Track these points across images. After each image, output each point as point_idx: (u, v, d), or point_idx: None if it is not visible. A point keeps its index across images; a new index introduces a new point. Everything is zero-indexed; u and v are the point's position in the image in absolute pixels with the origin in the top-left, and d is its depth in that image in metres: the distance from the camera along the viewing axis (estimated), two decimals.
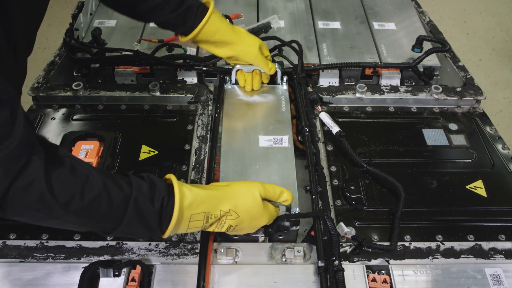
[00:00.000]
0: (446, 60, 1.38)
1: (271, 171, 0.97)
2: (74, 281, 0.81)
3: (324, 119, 1.12)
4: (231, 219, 0.78)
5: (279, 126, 1.07)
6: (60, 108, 1.20)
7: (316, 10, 1.56)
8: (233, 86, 1.20)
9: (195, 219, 0.75)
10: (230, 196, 0.78)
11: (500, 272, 0.84)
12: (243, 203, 0.78)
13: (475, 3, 3.48)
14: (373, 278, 0.83)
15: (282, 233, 0.90)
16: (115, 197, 0.68)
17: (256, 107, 1.14)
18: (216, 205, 0.76)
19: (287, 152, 1.01)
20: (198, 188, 0.77)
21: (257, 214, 0.79)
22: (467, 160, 1.07)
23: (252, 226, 0.81)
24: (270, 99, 1.16)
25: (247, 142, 1.04)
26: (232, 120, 1.10)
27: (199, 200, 0.75)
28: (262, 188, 0.81)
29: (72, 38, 1.33)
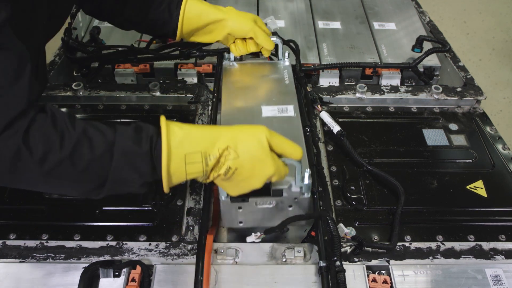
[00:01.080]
0: (446, 60, 1.38)
1: None
2: (74, 281, 0.81)
3: (324, 119, 1.12)
4: (230, 158, 0.68)
5: (283, 97, 0.99)
6: (60, 108, 1.20)
7: (316, 10, 1.55)
8: (233, 62, 1.12)
9: (192, 160, 0.67)
10: (230, 134, 0.70)
11: (500, 273, 0.84)
12: (245, 143, 0.69)
13: (475, 3, 3.48)
14: (374, 278, 0.83)
15: (286, 233, 0.88)
16: (97, 144, 0.65)
17: (258, 81, 1.06)
18: (213, 143, 0.68)
19: (293, 121, 0.93)
20: (191, 126, 0.70)
21: (261, 158, 0.70)
22: (467, 160, 1.07)
23: (255, 174, 0.71)
24: (272, 73, 1.08)
25: (249, 113, 0.95)
26: (232, 94, 1.01)
27: (192, 137, 0.68)
28: (269, 133, 0.72)
29: (69, 37, 1.32)
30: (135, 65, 1.29)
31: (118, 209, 0.94)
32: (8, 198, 0.96)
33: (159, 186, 0.97)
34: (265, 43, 1.04)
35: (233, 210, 0.81)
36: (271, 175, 0.71)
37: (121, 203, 0.95)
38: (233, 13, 1.04)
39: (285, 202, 0.81)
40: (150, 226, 0.91)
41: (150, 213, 0.94)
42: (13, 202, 0.96)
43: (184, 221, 0.92)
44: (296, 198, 0.81)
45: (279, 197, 0.79)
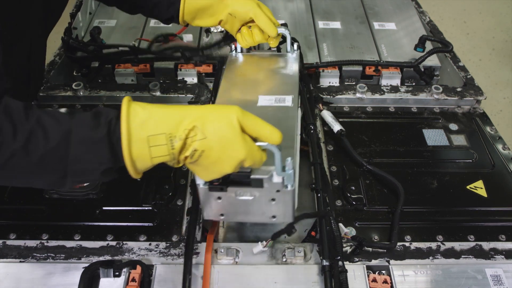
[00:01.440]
0: (446, 60, 1.38)
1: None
2: (74, 281, 0.81)
3: (325, 118, 1.12)
4: (196, 139, 0.63)
5: (284, 88, 0.94)
6: (60, 108, 1.20)
7: (316, 10, 1.55)
8: (238, 54, 1.07)
9: (156, 143, 0.62)
10: (197, 114, 0.64)
11: (500, 273, 0.84)
12: (213, 123, 0.63)
13: (475, 3, 3.48)
14: (374, 278, 0.83)
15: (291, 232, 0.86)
16: (52, 133, 0.61)
17: (260, 72, 1.02)
18: (179, 123, 0.63)
19: (289, 110, 0.87)
20: (156, 106, 0.65)
21: (230, 140, 0.63)
22: (467, 160, 1.07)
23: (225, 158, 0.64)
24: (278, 65, 1.03)
25: (244, 102, 0.90)
26: (231, 83, 0.97)
27: (156, 118, 0.63)
28: (241, 113, 0.65)
29: (70, 37, 1.32)
30: (135, 65, 1.29)
31: (118, 209, 0.94)
32: (8, 198, 0.96)
33: (158, 185, 0.97)
34: (266, 27, 0.98)
35: (212, 200, 0.76)
36: (242, 159, 0.65)
37: (121, 203, 0.95)
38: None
39: (267, 194, 0.74)
40: (150, 226, 0.91)
41: (150, 213, 0.94)
42: (13, 202, 0.96)
43: (184, 221, 0.92)
44: (278, 191, 0.73)
45: (260, 187, 0.73)
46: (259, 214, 0.78)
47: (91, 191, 0.96)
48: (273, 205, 0.76)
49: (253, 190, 0.74)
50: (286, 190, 0.73)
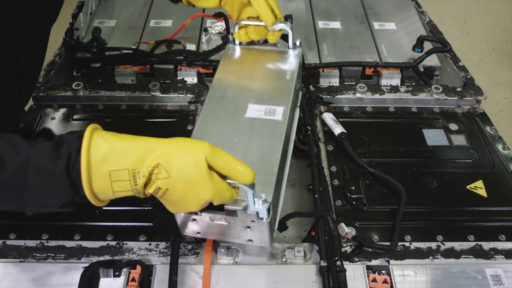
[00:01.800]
0: (446, 60, 1.38)
1: (251, 146, 0.80)
2: (74, 281, 0.81)
3: (326, 120, 1.12)
4: (160, 178, 0.60)
5: (277, 96, 0.89)
6: (60, 108, 1.20)
7: (316, 10, 1.55)
8: (235, 47, 1.01)
9: (118, 178, 0.59)
10: (163, 150, 0.61)
11: (500, 273, 0.84)
12: (179, 162, 0.60)
13: (475, 3, 3.48)
14: (374, 278, 0.83)
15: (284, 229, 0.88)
16: (8, 161, 0.58)
17: (256, 72, 0.95)
18: (143, 159, 0.60)
19: (277, 126, 0.83)
20: (121, 138, 0.61)
21: (195, 181, 0.61)
22: (467, 160, 1.07)
23: (190, 198, 0.63)
24: (276, 64, 0.96)
25: (233, 110, 0.86)
26: (222, 84, 0.92)
27: (118, 152, 0.59)
28: (210, 151, 0.62)
29: (72, 38, 1.33)
30: (135, 65, 1.29)
31: (118, 209, 0.94)
32: None
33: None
34: (262, 13, 0.91)
35: (187, 221, 0.76)
36: (208, 200, 0.63)
37: (121, 203, 0.95)
38: None
39: (241, 222, 0.73)
40: (150, 226, 0.91)
41: (150, 213, 0.94)
42: None
43: None
44: (253, 221, 0.72)
45: (234, 216, 0.71)
46: (235, 237, 0.78)
47: None
48: (249, 232, 0.75)
49: (228, 217, 0.72)
50: (261, 222, 0.71)
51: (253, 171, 0.64)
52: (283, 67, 0.96)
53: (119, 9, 1.54)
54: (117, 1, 1.58)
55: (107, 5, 1.57)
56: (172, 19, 1.47)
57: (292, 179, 1.08)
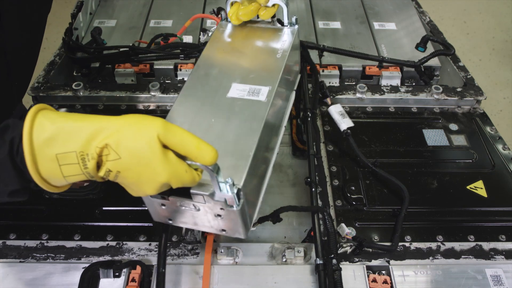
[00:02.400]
0: (446, 60, 1.38)
1: (228, 128, 0.74)
2: (74, 282, 0.81)
3: (333, 115, 1.10)
4: (110, 160, 0.55)
5: (264, 75, 0.82)
6: (60, 108, 1.20)
7: (316, 10, 1.55)
8: (228, 24, 0.95)
9: (66, 161, 0.55)
10: (112, 129, 0.56)
11: (500, 273, 0.84)
12: (128, 141, 0.55)
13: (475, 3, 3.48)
14: (374, 278, 0.83)
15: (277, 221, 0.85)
16: None
17: (245, 50, 0.89)
18: (91, 140, 0.55)
19: (259, 107, 0.76)
20: (69, 118, 0.56)
21: (148, 161, 0.56)
22: (467, 160, 1.07)
23: (145, 180, 0.58)
24: (267, 42, 0.90)
25: (215, 89, 0.81)
26: (208, 62, 0.87)
27: (65, 133, 0.55)
28: (164, 129, 0.56)
29: (70, 38, 1.33)
30: (135, 65, 1.29)
31: (118, 209, 0.94)
32: None
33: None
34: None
35: (156, 206, 0.70)
36: (164, 181, 0.58)
37: (121, 203, 0.95)
38: None
39: (211, 209, 0.67)
40: (150, 226, 0.91)
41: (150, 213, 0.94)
42: (13, 202, 0.95)
43: None
44: (222, 209, 0.66)
45: (202, 203, 0.66)
46: (207, 226, 0.72)
47: (91, 191, 0.96)
48: (220, 220, 0.69)
49: (196, 204, 0.67)
50: (230, 210, 0.65)
51: (214, 150, 0.58)
52: (275, 45, 0.89)
53: (119, 9, 1.54)
54: (117, 1, 1.58)
55: (107, 5, 1.57)
56: (172, 19, 1.47)
57: (292, 179, 1.08)
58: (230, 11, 0.93)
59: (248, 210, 0.70)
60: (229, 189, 0.62)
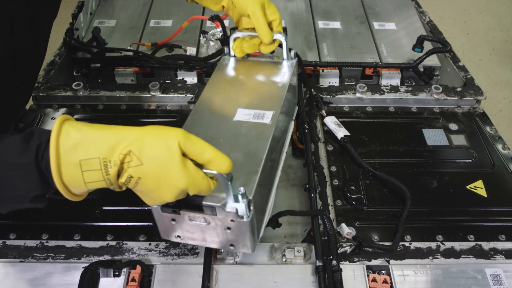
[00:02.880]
0: (446, 60, 1.38)
1: (237, 146, 0.78)
2: (74, 281, 0.81)
3: (328, 125, 1.11)
4: (132, 166, 0.58)
5: (267, 101, 0.87)
6: (60, 108, 1.20)
7: (316, 10, 1.55)
8: (230, 58, 1.00)
9: (89, 168, 0.57)
10: (135, 136, 0.59)
11: (500, 272, 0.84)
12: (151, 149, 0.58)
13: (475, 3, 3.48)
14: (374, 278, 0.83)
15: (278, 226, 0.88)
16: None
17: (247, 81, 0.95)
18: (114, 147, 0.58)
19: (265, 129, 0.81)
20: (93, 126, 0.60)
21: (169, 168, 0.59)
22: (467, 160, 1.07)
23: (163, 186, 0.61)
24: (269, 74, 0.95)
25: (221, 115, 0.85)
26: (214, 90, 0.92)
27: (89, 141, 0.58)
28: (184, 138, 0.60)
29: (72, 38, 1.33)
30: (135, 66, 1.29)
31: (118, 209, 0.94)
32: None
33: None
34: (260, 30, 0.91)
35: (167, 221, 0.73)
36: (183, 188, 0.61)
37: (121, 203, 0.95)
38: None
39: (221, 222, 0.70)
40: (150, 226, 0.91)
41: (150, 213, 0.93)
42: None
43: None
44: (233, 220, 0.68)
45: (213, 215, 0.69)
46: (216, 241, 0.74)
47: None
48: (229, 234, 0.71)
49: (207, 216, 0.70)
50: (241, 221, 0.68)
51: (230, 160, 0.62)
52: (275, 77, 0.94)
53: (119, 9, 1.54)
54: (117, 1, 1.58)
55: (107, 5, 1.57)
56: (172, 19, 1.47)
57: (292, 179, 1.08)
58: (233, 45, 0.98)
59: (256, 224, 0.72)
60: (241, 198, 0.66)
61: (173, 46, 1.32)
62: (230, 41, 0.99)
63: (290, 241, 0.92)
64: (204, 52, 1.33)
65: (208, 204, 0.67)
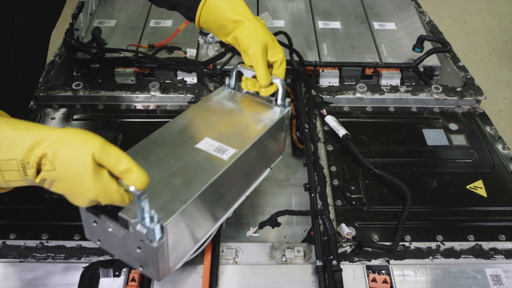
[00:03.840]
0: (446, 60, 1.38)
1: (183, 171, 0.75)
2: (74, 281, 0.81)
3: (330, 123, 1.12)
4: (45, 169, 0.59)
5: (237, 139, 0.84)
6: (60, 108, 1.20)
7: (316, 10, 1.56)
8: (227, 90, 0.97)
9: (8, 168, 0.59)
10: (52, 140, 0.59)
11: (500, 272, 0.84)
12: (64, 156, 0.58)
13: (475, 3, 3.48)
14: (373, 278, 0.83)
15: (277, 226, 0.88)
16: None
17: (231, 114, 0.91)
18: (31, 149, 0.58)
19: (218, 163, 0.77)
20: (12, 126, 0.60)
21: (80, 178, 0.59)
22: (467, 160, 1.07)
23: (76, 194, 0.61)
24: (255, 114, 0.91)
25: (189, 137, 0.83)
26: (195, 113, 0.90)
27: (9, 142, 0.58)
28: (100, 147, 0.59)
29: (72, 38, 1.33)
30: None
31: None
32: (8, 198, 0.96)
33: None
34: (259, 73, 0.90)
35: (90, 222, 0.71)
36: (93, 198, 0.60)
37: None
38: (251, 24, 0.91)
39: (131, 239, 0.67)
40: None
41: None
42: (13, 202, 0.96)
43: None
44: (142, 241, 0.65)
45: (126, 228, 0.66)
46: (129, 257, 0.71)
47: None
48: (139, 253, 0.68)
49: (120, 228, 0.67)
50: (149, 244, 0.64)
51: (146, 176, 0.60)
52: (260, 118, 0.90)
53: (119, 9, 1.54)
54: (117, 1, 1.58)
55: (107, 5, 1.57)
56: (172, 19, 1.47)
57: (292, 179, 1.08)
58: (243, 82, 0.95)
59: (170, 254, 0.69)
60: (150, 221, 0.62)
61: (173, 48, 1.32)
62: (232, 74, 0.96)
63: (290, 241, 0.92)
64: (204, 54, 1.32)
65: (123, 216, 0.65)
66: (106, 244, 0.72)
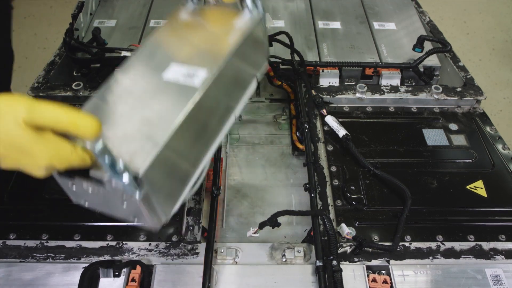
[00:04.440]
0: (446, 60, 1.38)
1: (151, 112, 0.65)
2: (74, 281, 0.81)
3: (330, 123, 1.12)
4: None
5: (208, 57, 0.73)
6: None
7: (316, 10, 1.56)
8: (191, 6, 0.85)
9: None
10: None
11: (500, 273, 0.84)
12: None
13: (475, 3, 3.48)
14: (374, 278, 0.83)
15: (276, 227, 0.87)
16: None
17: (198, 33, 0.80)
18: None
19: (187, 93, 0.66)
20: None
21: (20, 147, 0.52)
22: (467, 160, 1.07)
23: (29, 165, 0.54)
24: (225, 24, 0.81)
25: (154, 68, 0.73)
26: (158, 40, 0.80)
27: None
28: (28, 109, 0.51)
29: (72, 38, 1.33)
30: None
31: None
32: (8, 198, 0.96)
33: None
34: None
35: (67, 186, 0.64)
36: (46, 165, 0.53)
37: None
38: None
39: (112, 195, 0.60)
40: None
41: None
42: (13, 202, 0.96)
43: (184, 221, 0.92)
44: (123, 195, 0.59)
45: (102, 186, 0.59)
46: (118, 212, 0.64)
47: None
48: (126, 207, 0.62)
49: (99, 187, 0.60)
50: (132, 198, 0.58)
51: (95, 121, 0.52)
52: (229, 28, 0.78)
53: (119, 9, 1.54)
54: (117, 1, 1.58)
55: (107, 5, 1.57)
56: None
57: (292, 178, 1.08)
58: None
59: (158, 200, 0.62)
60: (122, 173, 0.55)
61: None
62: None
63: (290, 241, 0.92)
64: None
65: (95, 174, 0.57)
66: (93, 204, 0.66)
